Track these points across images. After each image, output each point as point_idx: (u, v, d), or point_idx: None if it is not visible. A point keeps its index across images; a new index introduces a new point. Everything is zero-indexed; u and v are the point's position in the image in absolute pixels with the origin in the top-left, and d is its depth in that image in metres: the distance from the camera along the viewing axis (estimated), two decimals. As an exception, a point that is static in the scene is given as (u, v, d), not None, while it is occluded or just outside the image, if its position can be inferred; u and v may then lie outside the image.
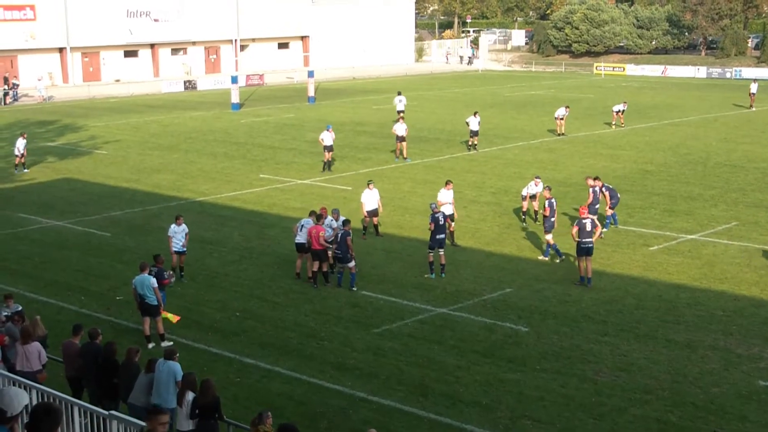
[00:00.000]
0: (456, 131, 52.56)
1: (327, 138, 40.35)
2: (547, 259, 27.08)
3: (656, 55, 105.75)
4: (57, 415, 8.18)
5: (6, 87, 73.50)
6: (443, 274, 25.59)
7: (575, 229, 24.97)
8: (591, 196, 29.32)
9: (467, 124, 46.62)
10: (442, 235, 25.80)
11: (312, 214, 25.50)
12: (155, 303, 20.48)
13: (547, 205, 27.12)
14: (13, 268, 27.08)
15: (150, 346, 20.30)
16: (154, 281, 20.51)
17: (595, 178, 30.60)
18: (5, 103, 70.65)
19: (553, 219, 27.11)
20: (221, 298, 24.09)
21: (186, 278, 25.29)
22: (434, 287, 24.62)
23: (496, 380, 18.72)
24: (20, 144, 41.39)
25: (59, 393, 13.15)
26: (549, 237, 27.03)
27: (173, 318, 20.76)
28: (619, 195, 30.98)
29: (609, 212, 30.08)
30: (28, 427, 8.11)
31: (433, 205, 26.40)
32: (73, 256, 28.09)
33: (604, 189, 30.12)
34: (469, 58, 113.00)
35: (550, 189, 28.26)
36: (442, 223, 25.72)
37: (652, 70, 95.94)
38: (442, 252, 25.75)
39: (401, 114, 57.37)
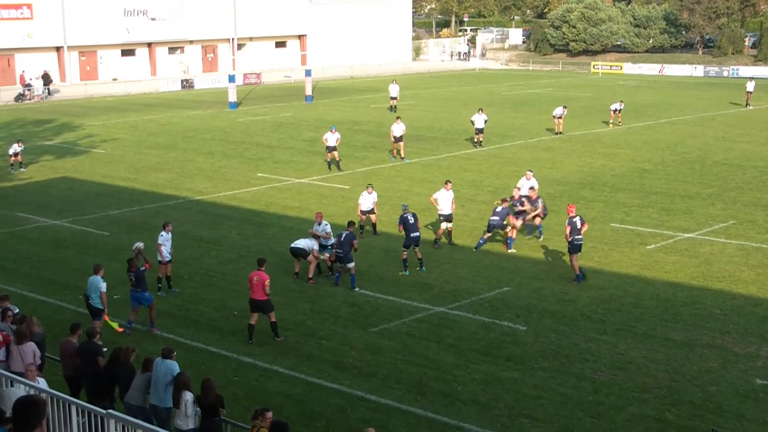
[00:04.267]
0: (453, 130, 52.59)
1: (330, 139, 40.26)
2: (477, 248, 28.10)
3: (653, 53, 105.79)
4: (41, 407, 8.19)
5: (45, 86, 74.50)
6: (423, 269, 26.00)
7: (568, 229, 25.20)
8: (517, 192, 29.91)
9: (472, 122, 46.74)
10: (416, 234, 26.06)
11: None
12: (100, 306, 20.38)
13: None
14: (10, 268, 27.07)
15: None
16: (103, 285, 20.37)
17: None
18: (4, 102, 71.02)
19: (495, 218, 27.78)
20: (219, 297, 24.09)
21: (177, 288, 24.59)
22: (432, 286, 24.63)
23: (494, 379, 18.73)
24: (15, 148, 41.37)
25: (57, 392, 13.14)
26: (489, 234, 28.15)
27: (116, 327, 20.44)
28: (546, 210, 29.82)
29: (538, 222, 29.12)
30: (14, 421, 8.12)
31: (405, 206, 26.88)
32: (70, 255, 28.07)
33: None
34: (466, 54, 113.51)
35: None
36: (412, 222, 26.03)
37: (650, 69, 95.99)
38: (417, 249, 26.20)
39: (395, 100, 61.27)
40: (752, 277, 25.20)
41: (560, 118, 50.86)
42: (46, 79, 74.89)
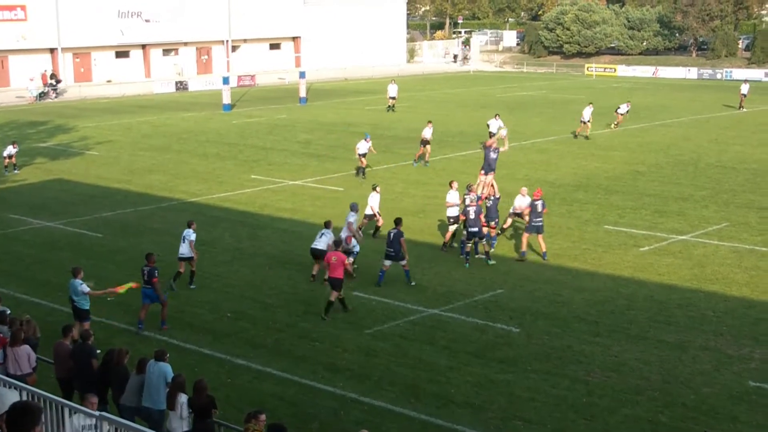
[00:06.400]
0: (448, 131, 52.57)
1: (362, 147, 39.56)
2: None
3: (647, 56, 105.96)
4: (36, 414, 8.17)
5: (52, 82, 74.98)
6: (490, 261, 26.74)
7: (528, 210, 26.58)
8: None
9: (488, 126, 46.77)
10: (473, 229, 26.44)
11: (327, 225, 25.33)
12: (86, 307, 20.32)
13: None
14: (4, 269, 27.02)
15: None
16: (84, 286, 20.29)
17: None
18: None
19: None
20: (213, 299, 24.07)
21: (177, 288, 24.70)
22: (425, 288, 24.63)
23: (488, 381, 18.75)
24: (10, 150, 41.36)
25: (50, 394, 13.12)
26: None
27: (131, 285, 20.63)
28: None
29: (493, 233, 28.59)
30: (7, 425, 8.11)
31: (473, 198, 27.20)
32: (64, 257, 27.99)
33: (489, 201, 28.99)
34: (459, 56, 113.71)
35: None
36: (473, 217, 26.37)
37: (643, 71, 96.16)
38: (483, 242, 27.04)
39: (393, 100, 62.40)
40: (745, 279, 25.25)
41: (589, 121, 50.18)
42: (54, 79, 75.50)
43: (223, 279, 25.77)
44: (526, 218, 27.68)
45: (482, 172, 30.33)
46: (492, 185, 29.67)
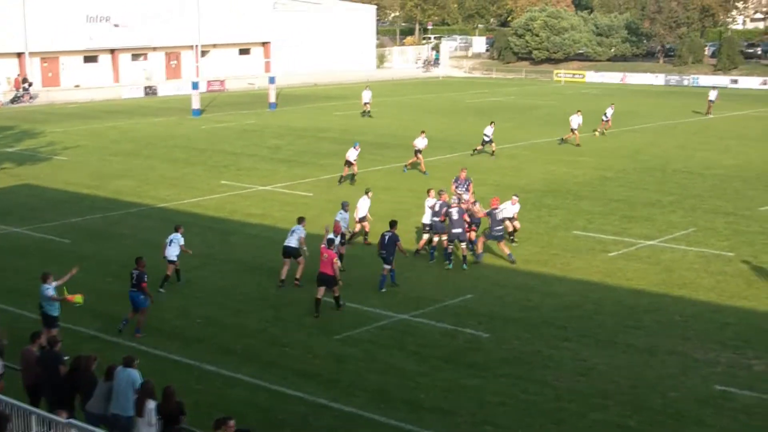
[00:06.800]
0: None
1: (352, 154, 39.31)
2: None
3: (615, 62, 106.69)
4: (2, 421, 8.16)
5: (25, 85, 75.01)
6: (465, 266, 26.77)
7: (485, 216, 27.26)
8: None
9: (485, 135, 46.69)
10: (457, 230, 26.61)
11: (300, 221, 25.49)
12: (54, 314, 20.12)
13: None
14: (-30, 276, 26.76)
15: None
16: (50, 291, 20.09)
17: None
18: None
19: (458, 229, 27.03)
20: (182, 304, 23.95)
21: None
22: (396, 293, 24.65)
23: (457, 386, 18.79)
24: None
25: (16, 401, 13.02)
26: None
27: (78, 299, 20.39)
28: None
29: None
30: None
31: (455, 199, 27.99)
32: (32, 263, 27.72)
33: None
34: (428, 61, 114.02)
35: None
36: (456, 218, 26.61)
37: (612, 77, 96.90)
38: (463, 245, 26.92)
39: (367, 105, 62.65)
40: (712, 283, 25.49)
41: (576, 130, 49.94)
42: (27, 83, 75.30)
43: (194, 284, 25.66)
44: (475, 211, 27.85)
45: (454, 202, 30.35)
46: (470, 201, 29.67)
